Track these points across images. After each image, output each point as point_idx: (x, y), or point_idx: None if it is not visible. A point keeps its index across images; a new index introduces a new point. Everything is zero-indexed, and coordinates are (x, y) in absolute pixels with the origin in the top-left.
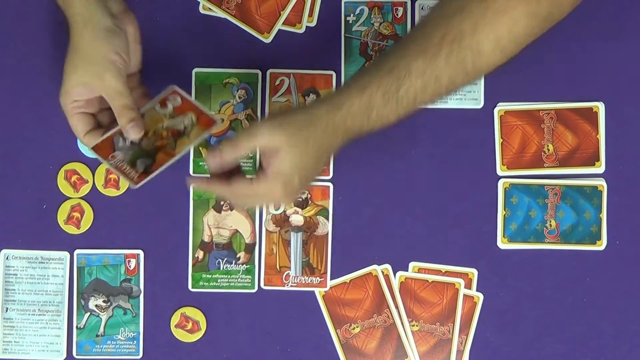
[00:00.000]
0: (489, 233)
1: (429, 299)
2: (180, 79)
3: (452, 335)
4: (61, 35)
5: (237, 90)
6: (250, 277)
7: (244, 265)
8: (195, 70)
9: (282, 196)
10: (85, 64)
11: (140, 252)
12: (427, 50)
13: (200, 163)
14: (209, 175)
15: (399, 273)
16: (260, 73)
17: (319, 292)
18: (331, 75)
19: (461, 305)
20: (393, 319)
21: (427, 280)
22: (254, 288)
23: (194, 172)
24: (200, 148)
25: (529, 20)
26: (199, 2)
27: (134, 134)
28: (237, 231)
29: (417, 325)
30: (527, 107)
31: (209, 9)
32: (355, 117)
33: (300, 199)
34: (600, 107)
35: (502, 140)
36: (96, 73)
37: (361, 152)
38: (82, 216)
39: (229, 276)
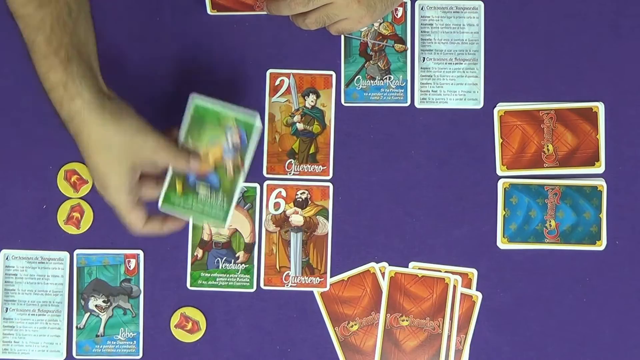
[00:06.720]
0: (488, 233)
1: (419, 294)
2: (181, 81)
3: (442, 330)
4: None
5: (231, 130)
6: (249, 276)
7: (243, 264)
8: (195, 101)
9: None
10: (122, 145)
11: (140, 252)
12: None
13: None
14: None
15: (389, 268)
16: (258, 116)
17: (317, 290)
18: (331, 75)
19: (451, 300)
20: None
21: (417, 275)
22: (252, 288)
23: None
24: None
25: None
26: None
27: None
28: (236, 230)
29: (407, 320)
30: (526, 107)
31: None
32: None
33: (300, 199)
34: (600, 107)
35: (501, 140)
36: (141, 143)
37: (361, 152)
38: (82, 216)
39: (228, 275)
